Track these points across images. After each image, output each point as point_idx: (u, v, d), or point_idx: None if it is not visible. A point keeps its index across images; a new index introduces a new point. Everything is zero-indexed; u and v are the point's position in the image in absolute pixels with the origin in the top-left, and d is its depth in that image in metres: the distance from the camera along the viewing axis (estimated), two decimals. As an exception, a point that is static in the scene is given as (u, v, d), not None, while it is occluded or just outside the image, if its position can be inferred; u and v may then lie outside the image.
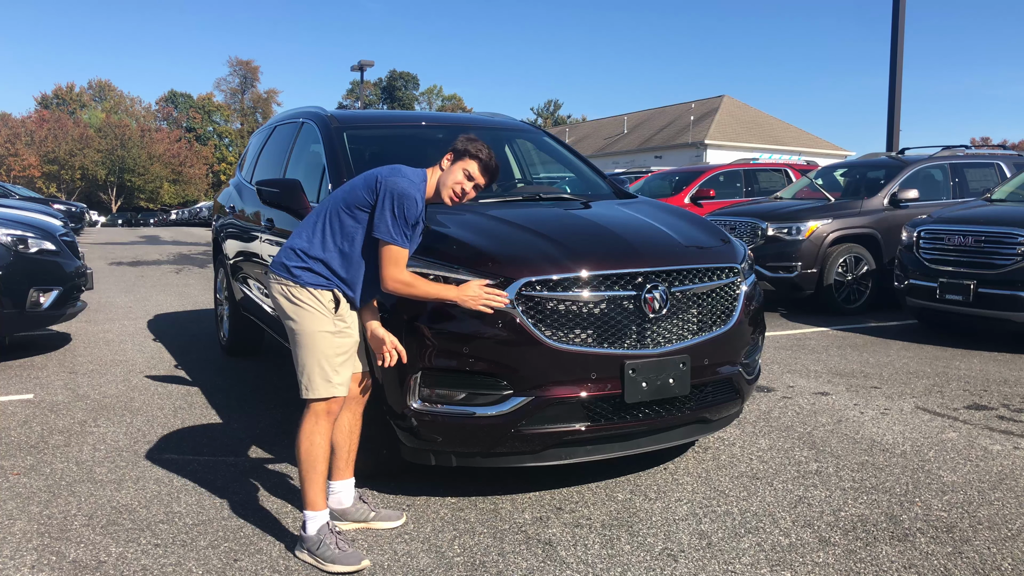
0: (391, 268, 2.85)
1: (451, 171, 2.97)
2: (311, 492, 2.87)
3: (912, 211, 8.54)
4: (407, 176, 2.89)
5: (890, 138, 15.45)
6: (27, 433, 4.38)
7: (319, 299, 2.86)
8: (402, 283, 2.87)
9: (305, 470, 2.87)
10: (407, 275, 2.89)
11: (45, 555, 2.93)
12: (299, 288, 2.86)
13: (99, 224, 42.62)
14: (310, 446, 2.86)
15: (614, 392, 3.18)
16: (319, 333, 2.85)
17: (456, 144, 3.01)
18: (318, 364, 2.84)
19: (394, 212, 2.80)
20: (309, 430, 2.87)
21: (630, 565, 2.83)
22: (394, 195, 2.81)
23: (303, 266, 2.88)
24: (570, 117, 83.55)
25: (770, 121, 45.13)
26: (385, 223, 2.81)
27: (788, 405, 4.91)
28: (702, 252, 3.61)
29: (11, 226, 6.13)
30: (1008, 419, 4.60)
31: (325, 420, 2.88)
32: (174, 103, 77.29)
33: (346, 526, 3.10)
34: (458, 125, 5.36)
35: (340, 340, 2.90)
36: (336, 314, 2.89)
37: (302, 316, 2.86)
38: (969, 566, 2.81)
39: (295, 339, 2.89)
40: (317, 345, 2.85)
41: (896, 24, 15.04)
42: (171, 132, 69.05)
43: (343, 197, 2.93)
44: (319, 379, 2.85)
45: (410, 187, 2.85)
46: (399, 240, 2.82)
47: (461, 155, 2.98)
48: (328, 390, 2.86)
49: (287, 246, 2.95)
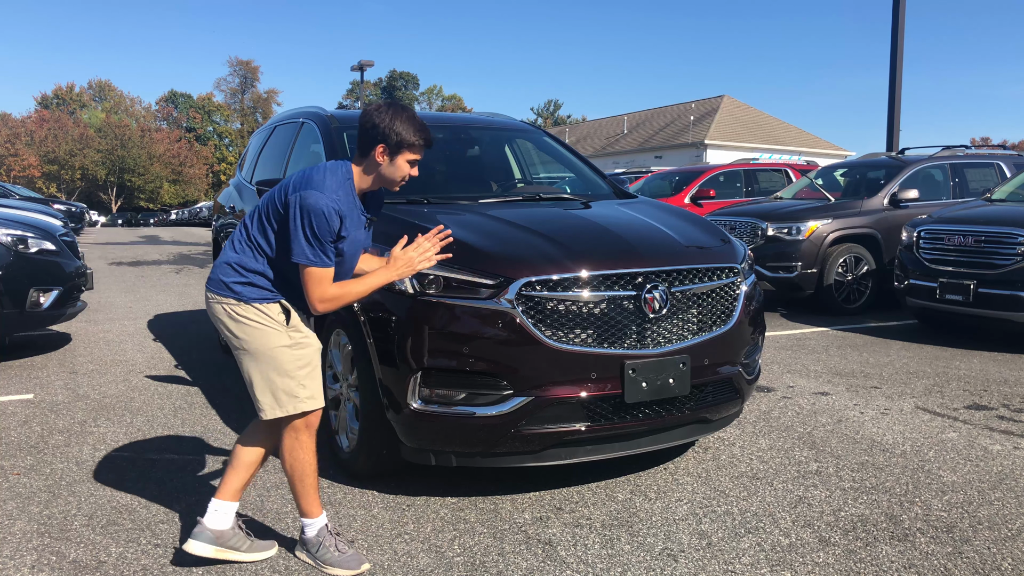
0: (315, 289, 2.60)
1: (396, 166, 2.68)
2: (304, 502, 2.80)
3: (912, 211, 8.54)
4: (317, 186, 2.58)
5: (890, 138, 15.45)
6: (27, 433, 4.39)
7: (267, 314, 2.67)
8: (330, 300, 2.63)
9: (295, 483, 2.78)
10: (333, 290, 2.63)
11: (45, 555, 2.93)
12: (243, 305, 2.66)
13: (99, 224, 42.60)
14: (294, 461, 2.75)
15: (614, 392, 3.18)
16: (276, 349, 2.67)
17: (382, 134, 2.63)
18: (281, 381, 2.67)
19: (306, 233, 2.54)
20: (290, 446, 2.74)
21: (630, 565, 2.83)
22: (302, 212, 2.54)
23: (243, 281, 2.67)
24: (570, 117, 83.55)
25: (770, 121, 45.13)
26: (300, 246, 2.55)
27: (788, 405, 4.91)
28: (702, 252, 3.61)
29: (11, 226, 6.13)
30: (1008, 419, 4.60)
31: (306, 434, 2.75)
32: (174, 103, 77.30)
33: (215, 553, 2.79)
34: (458, 125, 5.37)
35: (300, 352, 2.71)
36: (289, 326, 2.71)
37: (253, 335, 2.66)
38: (969, 566, 2.81)
39: (248, 360, 2.69)
40: (275, 362, 2.66)
41: (896, 24, 15.04)
42: (171, 132, 69.04)
43: (265, 206, 2.70)
44: (285, 396, 2.68)
45: (319, 201, 2.54)
46: (317, 261, 2.57)
47: (399, 148, 2.65)
48: (297, 406, 2.69)
49: (221, 261, 2.74)
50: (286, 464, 2.77)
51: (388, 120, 2.64)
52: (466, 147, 5.25)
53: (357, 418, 3.55)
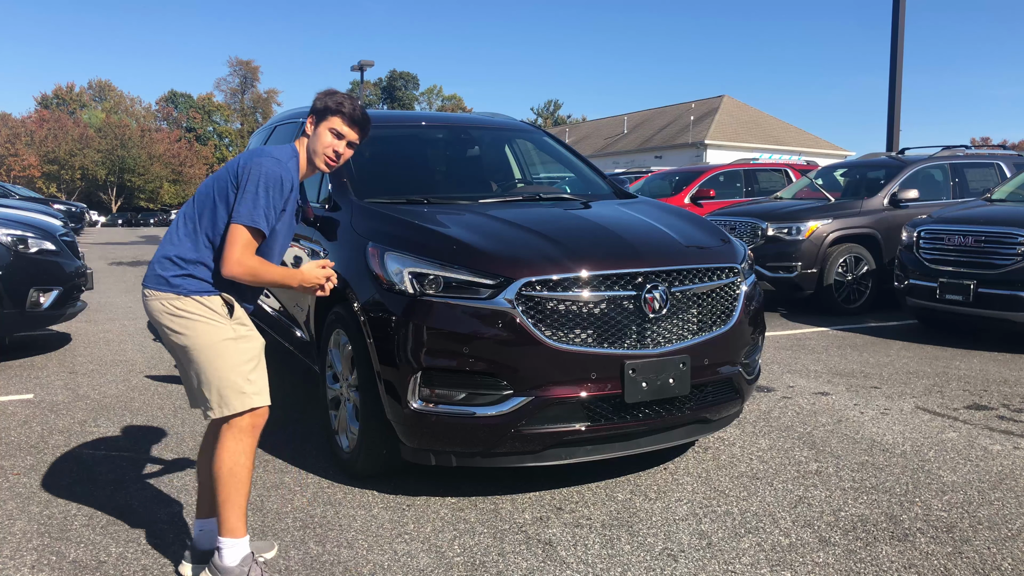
0: (238, 250, 2.50)
1: (317, 135, 2.68)
2: (231, 516, 2.56)
3: (912, 211, 8.54)
4: (273, 155, 2.60)
5: (890, 138, 15.46)
6: (27, 433, 4.39)
7: (208, 306, 2.56)
8: (247, 267, 2.52)
9: (227, 492, 2.55)
10: (254, 261, 2.54)
11: (45, 555, 2.93)
12: (183, 299, 2.55)
13: (99, 224, 42.62)
14: (233, 466, 2.55)
15: (614, 392, 3.18)
16: (220, 343, 2.54)
17: (314, 103, 2.70)
18: (227, 377, 2.54)
19: (258, 193, 2.50)
20: (232, 448, 2.56)
21: (630, 565, 2.83)
22: (259, 176, 2.52)
23: (182, 273, 2.56)
24: (570, 117, 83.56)
25: (770, 121, 45.13)
26: (246, 206, 2.50)
27: (788, 405, 4.91)
28: (702, 252, 3.61)
29: (11, 226, 6.13)
30: (1008, 419, 4.60)
31: (250, 437, 2.59)
32: (174, 103, 77.33)
33: None
34: (458, 125, 5.37)
35: (245, 346, 2.59)
36: (233, 319, 2.59)
37: (195, 329, 2.54)
38: (969, 566, 2.81)
39: (192, 357, 2.56)
40: (221, 357, 2.54)
41: (896, 24, 15.04)
42: (171, 132, 69.14)
43: (212, 187, 2.63)
44: (231, 393, 2.54)
45: (276, 166, 2.55)
46: (259, 223, 2.51)
47: (322, 114, 2.67)
48: (244, 402, 2.55)
49: (158, 256, 2.63)
50: (223, 469, 2.55)
51: (324, 95, 2.71)
52: (466, 147, 5.25)
53: (357, 418, 3.55)
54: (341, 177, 4.14)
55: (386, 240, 3.47)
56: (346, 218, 3.86)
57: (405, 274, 3.25)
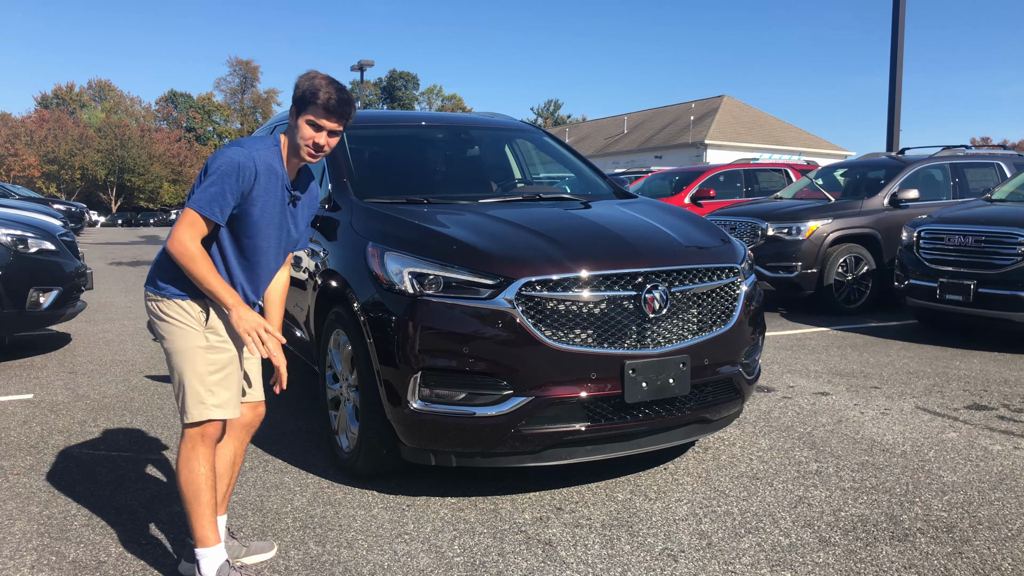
0: (182, 229, 2.43)
1: (298, 127, 2.54)
2: (198, 526, 2.55)
3: (912, 211, 8.54)
4: (239, 144, 2.53)
5: (890, 138, 15.45)
6: (27, 433, 4.38)
7: (187, 311, 2.55)
8: (185, 250, 2.43)
9: (188, 501, 2.55)
10: (195, 247, 2.44)
11: (45, 555, 2.93)
12: (167, 302, 2.55)
13: (99, 224, 42.62)
14: (189, 474, 2.54)
15: (614, 392, 3.18)
16: (191, 350, 2.54)
17: (294, 91, 2.57)
18: (191, 385, 2.53)
19: (211, 180, 2.43)
20: (186, 456, 2.55)
21: (630, 565, 2.83)
22: (218, 164, 2.45)
23: (167, 276, 2.56)
24: (570, 117, 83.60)
25: (770, 121, 45.13)
26: (199, 191, 2.44)
27: (788, 405, 4.91)
28: (702, 252, 3.61)
29: (11, 226, 6.13)
30: (1008, 419, 4.60)
31: (202, 446, 2.56)
32: (174, 103, 77.35)
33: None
34: (458, 125, 5.37)
35: (214, 356, 2.56)
36: (207, 326, 2.56)
37: (173, 333, 2.55)
38: (969, 566, 2.81)
39: (169, 360, 2.59)
40: (189, 363, 2.54)
41: (896, 24, 15.04)
42: (171, 132, 69.15)
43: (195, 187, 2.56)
44: (192, 401, 2.53)
45: (237, 154, 2.47)
46: (205, 209, 2.42)
47: (300, 104, 2.53)
48: (201, 413, 2.53)
49: (156, 258, 2.64)
50: (180, 479, 2.56)
51: (303, 79, 2.56)
52: (466, 147, 5.25)
53: (357, 418, 3.55)
54: (341, 177, 4.14)
55: (386, 240, 3.47)
56: (346, 218, 3.86)
57: (405, 274, 3.25)
